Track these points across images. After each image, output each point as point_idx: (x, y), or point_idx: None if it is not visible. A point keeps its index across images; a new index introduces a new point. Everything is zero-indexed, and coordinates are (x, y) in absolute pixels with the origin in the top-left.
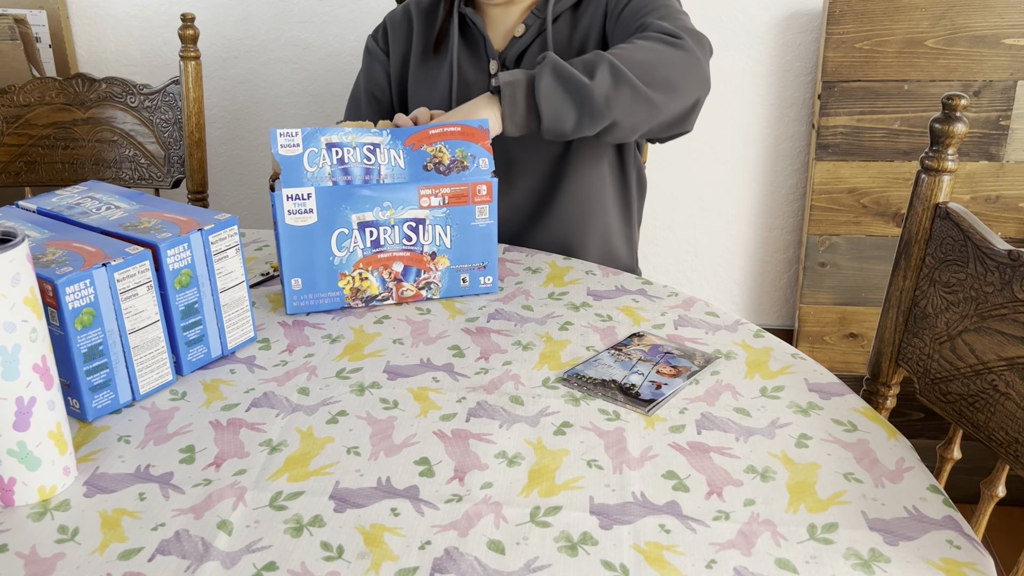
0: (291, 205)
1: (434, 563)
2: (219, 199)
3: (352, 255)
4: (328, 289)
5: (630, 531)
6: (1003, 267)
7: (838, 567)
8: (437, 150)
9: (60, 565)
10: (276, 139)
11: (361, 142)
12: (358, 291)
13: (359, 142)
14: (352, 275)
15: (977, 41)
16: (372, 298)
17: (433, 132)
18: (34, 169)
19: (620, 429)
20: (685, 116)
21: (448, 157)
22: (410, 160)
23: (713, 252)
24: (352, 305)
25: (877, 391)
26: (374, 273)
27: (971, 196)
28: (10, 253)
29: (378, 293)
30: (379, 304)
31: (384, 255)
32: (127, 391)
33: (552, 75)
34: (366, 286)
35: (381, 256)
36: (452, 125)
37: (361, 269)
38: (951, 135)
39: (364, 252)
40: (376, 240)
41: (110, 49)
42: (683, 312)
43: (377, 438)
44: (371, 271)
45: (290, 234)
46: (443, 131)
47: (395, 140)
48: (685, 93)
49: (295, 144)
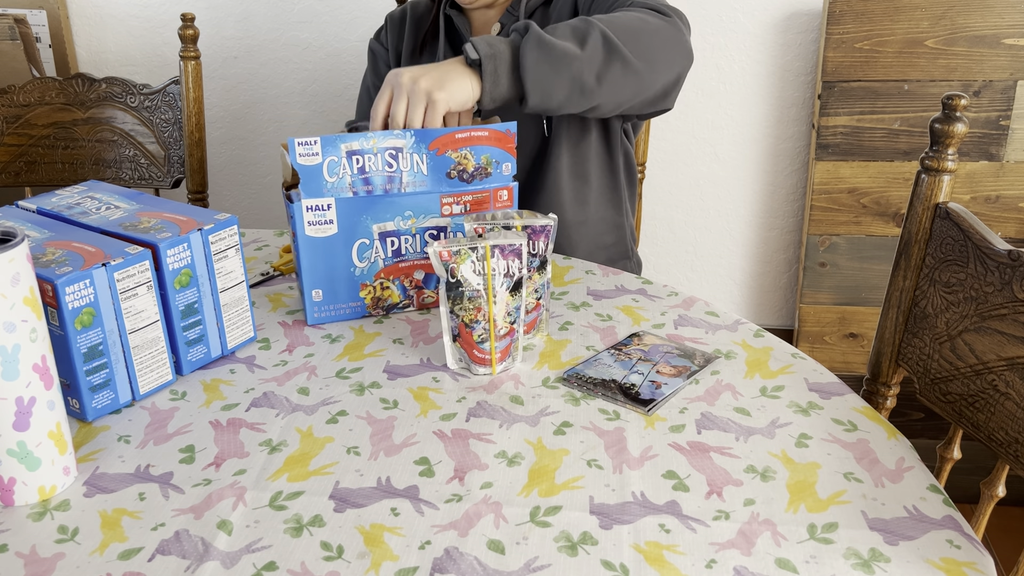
0: (311, 216)
1: (434, 563)
2: (219, 199)
3: (373, 265)
4: (349, 299)
5: (630, 531)
6: (1003, 267)
7: (838, 567)
8: (463, 156)
9: (60, 565)
10: (294, 149)
11: (383, 146)
12: (379, 300)
13: (381, 147)
14: (373, 285)
15: (977, 41)
16: (393, 306)
17: (460, 136)
18: (34, 169)
19: (620, 429)
20: (668, 91)
21: (473, 164)
22: (433, 166)
23: (713, 252)
24: (373, 314)
25: (877, 391)
26: (395, 282)
27: (971, 196)
28: (10, 253)
29: (399, 301)
30: (400, 311)
31: (405, 264)
32: (127, 391)
33: (538, 49)
34: (387, 295)
35: (402, 265)
36: (480, 129)
37: (382, 279)
38: (951, 135)
39: (385, 262)
40: (397, 249)
41: (110, 49)
42: (683, 312)
43: (377, 438)
44: (392, 280)
45: (310, 245)
46: (471, 135)
47: (419, 143)
48: (670, 65)
49: (314, 153)
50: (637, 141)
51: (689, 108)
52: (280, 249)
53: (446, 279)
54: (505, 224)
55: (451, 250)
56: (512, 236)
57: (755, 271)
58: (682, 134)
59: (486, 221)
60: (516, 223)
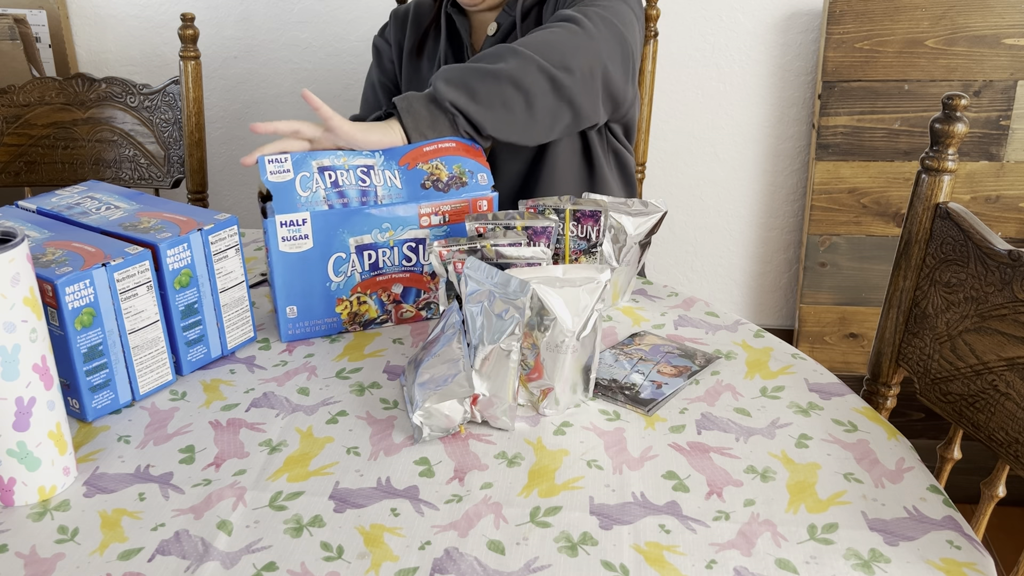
0: (285, 232)
1: (434, 563)
2: (219, 199)
3: (350, 279)
4: (324, 315)
5: (630, 531)
6: (1003, 267)
7: (838, 567)
8: (434, 167)
9: (60, 565)
10: (264, 167)
11: (354, 164)
12: (356, 315)
13: (351, 164)
14: (350, 299)
15: (977, 41)
16: (371, 322)
17: (428, 149)
18: (34, 169)
19: (620, 429)
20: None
21: (446, 173)
22: (406, 180)
23: (713, 252)
24: (349, 330)
25: (877, 391)
26: (372, 296)
27: (971, 196)
28: (10, 253)
29: (376, 316)
30: (377, 327)
31: (383, 277)
32: (127, 391)
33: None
34: (364, 310)
35: (380, 279)
36: (447, 141)
37: (359, 293)
38: (951, 135)
39: (363, 276)
40: (375, 263)
41: (110, 49)
42: (683, 312)
43: (377, 438)
44: (369, 295)
45: (284, 261)
46: (438, 147)
47: (388, 161)
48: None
49: (285, 170)
50: (637, 142)
51: (689, 108)
52: None
53: (446, 279)
54: (506, 224)
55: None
56: None
57: (755, 271)
58: (682, 134)
59: (487, 221)
60: (517, 223)
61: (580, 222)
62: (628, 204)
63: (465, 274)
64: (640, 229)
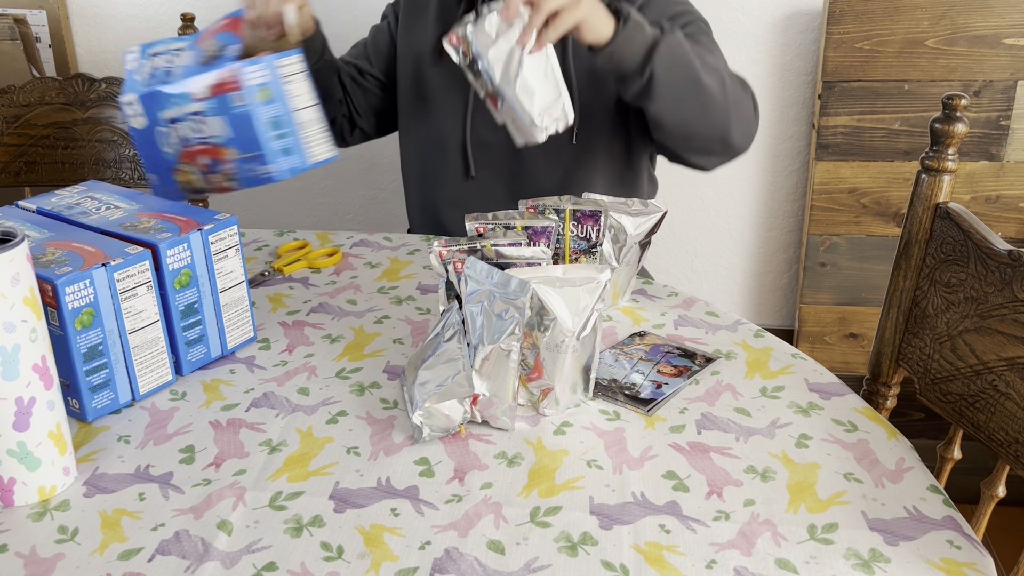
0: (128, 110)
1: (434, 563)
2: (219, 199)
3: (176, 150)
4: (171, 183)
5: (630, 531)
6: (1003, 267)
7: (838, 567)
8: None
9: (60, 565)
10: (126, 56)
11: (171, 48)
12: (189, 184)
13: (169, 49)
14: (181, 168)
15: (977, 41)
16: (201, 190)
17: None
18: (34, 169)
19: (620, 429)
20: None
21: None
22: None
23: (713, 252)
24: (191, 199)
25: (877, 391)
26: (192, 167)
27: (971, 196)
28: (10, 253)
29: (203, 186)
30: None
31: (193, 149)
32: (127, 391)
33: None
34: (192, 179)
35: (192, 150)
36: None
37: (183, 163)
38: (951, 135)
39: (178, 148)
40: (184, 136)
41: (110, 49)
42: (683, 312)
43: (377, 438)
44: (188, 165)
45: (136, 135)
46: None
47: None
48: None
49: (135, 59)
50: None
51: None
52: (279, 249)
53: (445, 279)
54: (506, 224)
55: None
56: None
57: (755, 271)
58: None
59: (487, 221)
60: (517, 223)
61: (580, 222)
62: (628, 204)
63: (465, 274)
64: (640, 229)
